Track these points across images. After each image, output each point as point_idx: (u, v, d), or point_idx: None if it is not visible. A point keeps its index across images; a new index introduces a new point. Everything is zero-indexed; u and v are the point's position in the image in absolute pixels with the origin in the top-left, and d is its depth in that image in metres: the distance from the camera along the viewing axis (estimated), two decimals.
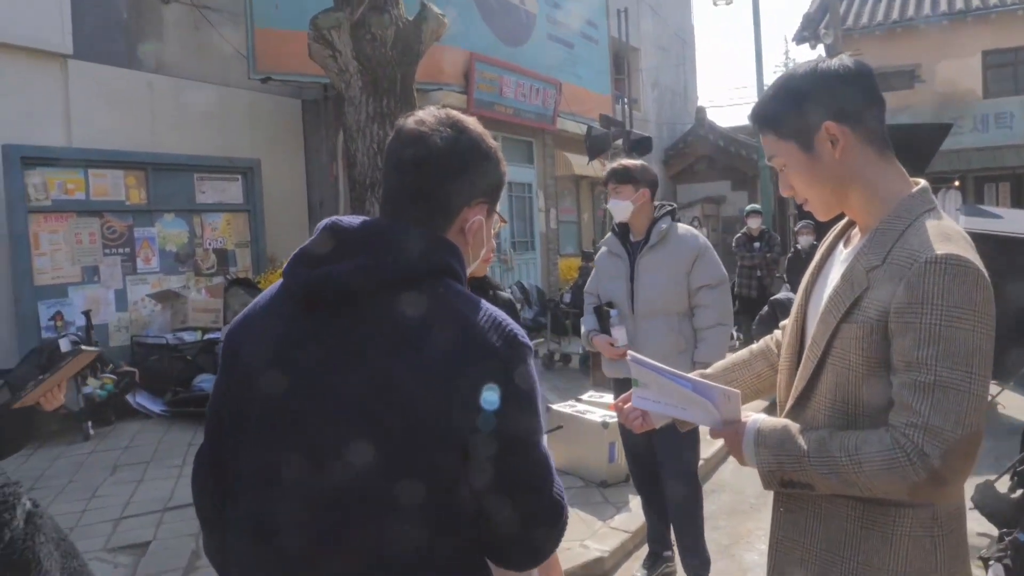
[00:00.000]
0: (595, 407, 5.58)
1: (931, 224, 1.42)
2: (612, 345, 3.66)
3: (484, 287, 2.37)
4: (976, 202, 16.90)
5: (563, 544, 4.09)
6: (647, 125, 18.37)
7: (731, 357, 1.88)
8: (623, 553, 4.32)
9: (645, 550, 4.03)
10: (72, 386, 6.71)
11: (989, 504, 4.05)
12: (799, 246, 8.94)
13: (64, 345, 6.75)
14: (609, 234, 3.88)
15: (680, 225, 3.73)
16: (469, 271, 1.37)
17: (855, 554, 1.46)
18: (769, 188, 15.12)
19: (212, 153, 9.13)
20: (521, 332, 1.22)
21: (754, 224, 10.28)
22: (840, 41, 15.01)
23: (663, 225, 3.65)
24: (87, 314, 7.17)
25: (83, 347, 2.22)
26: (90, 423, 6.66)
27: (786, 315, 1.68)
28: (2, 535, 1.07)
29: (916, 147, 8.87)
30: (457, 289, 1.24)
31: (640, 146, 10.09)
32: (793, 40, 19.82)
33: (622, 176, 3.53)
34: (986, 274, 1.35)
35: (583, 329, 3.88)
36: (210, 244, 9.19)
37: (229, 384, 1.28)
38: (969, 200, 17.13)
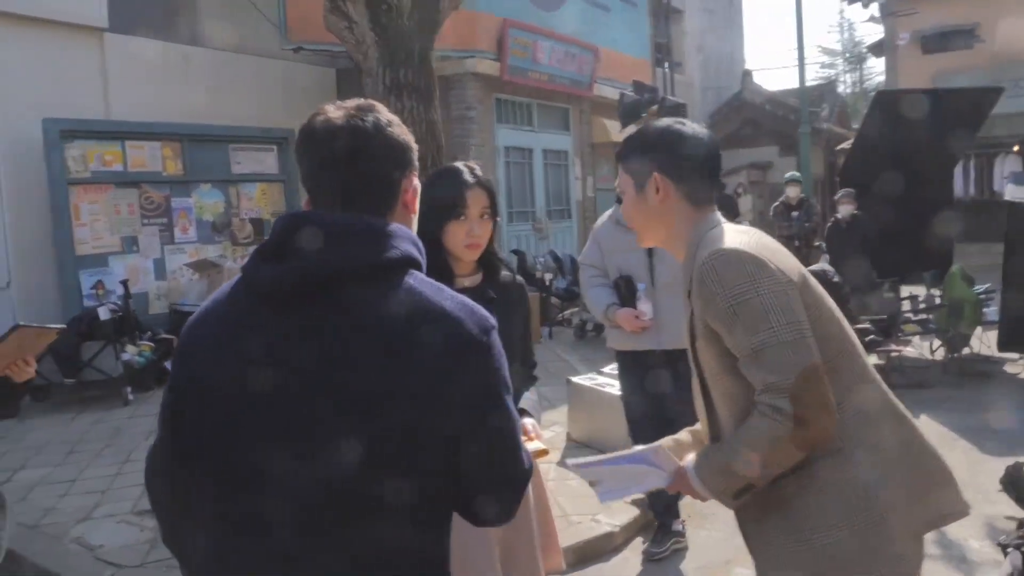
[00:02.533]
0: (616, 380, 5.54)
1: (708, 239, 1.66)
2: (638, 318, 3.63)
3: (492, 265, 2.32)
4: None
5: (573, 518, 4.19)
6: (691, 90, 18.00)
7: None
8: (635, 528, 4.33)
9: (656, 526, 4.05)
10: (110, 352, 6.92)
11: (1017, 487, 3.94)
12: (839, 215, 8.74)
13: (103, 314, 6.96)
14: (617, 205, 3.83)
15: None
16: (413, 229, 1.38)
17: (794, 511, 1.61)
18: (808, 155, 14.74)
19: (247, 123, 9.21)
20: (489, 315, 1.26)
21: (792, 193, 10.09)
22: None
23: None
24: (125, 283, 7.35)
25: (23, 324, 2.17)
26: (129, 388, 6.88)
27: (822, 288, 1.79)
28: None
29: (965, 112, 8.55)
30: (423, 280, 1.25)
31: (674, 113, 9.88)
32: (846, 0, 19.13)
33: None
34: (746, 249, 1.57)
35: (596, 304, 3.81)
36: (246, 214, 9.30)
37: (191, 380, 1.27)
38: None
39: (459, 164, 2.28)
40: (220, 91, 9.33)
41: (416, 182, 1.37)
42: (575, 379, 5.64)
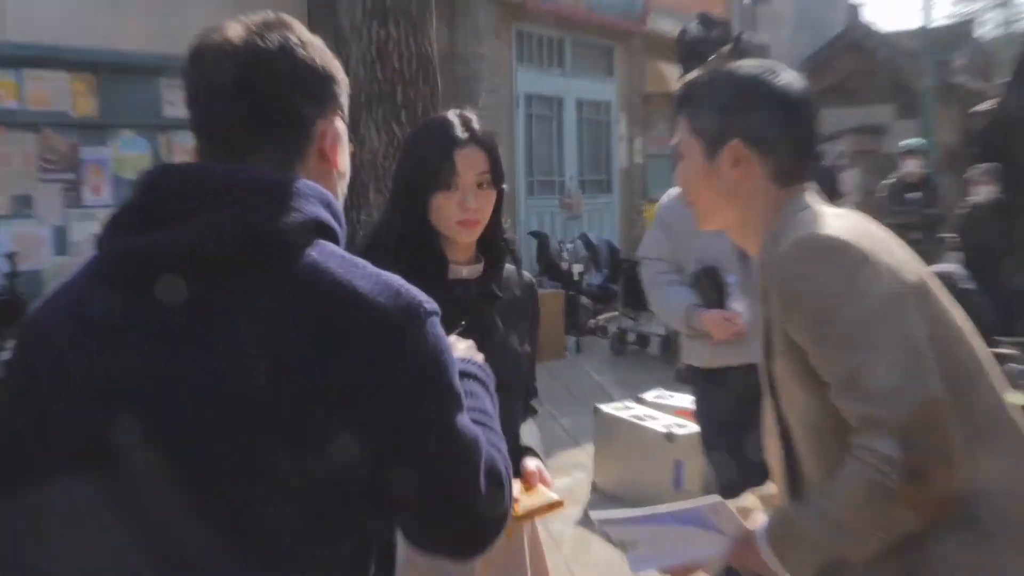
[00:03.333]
0: (660, 411, 5.50)
1: (794, 223, 1.66)
2: (730, 321, 3.58)
3: (496, 251, 2.30)
4: None
5: None
6: (779, 27, 17.87)
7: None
8: None
9: None
10: None
11: None
12: (975, 199, 8.62)
13: None
14: None
15: None
16: (341, 203, 1.40)
17: None
18: (932, 115, 14.61)
19: (185, 53, 9.17)
20: (422, 296, 1.29)
21: (911, 167, 9.99)
22: None
23: None
24: (11, 257, 7.35)
25: None
26: None
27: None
28: None
29: None
30: (333, 252, 1.27)
31: (754, 56, 9.79)
32: None
33: None
34: (845, 237, 1.56)
35: (670, 309, 3.81)
36: None
37: (29, 394, 1.30)
38: None
39: (449, 114, 2.26)
40: (154, 9, 9.31)
41: (340, 125, 1.39)
42: (606, 408, 5.60)
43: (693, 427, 5.17)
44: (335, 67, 1.38)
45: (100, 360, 1.24)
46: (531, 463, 2.22)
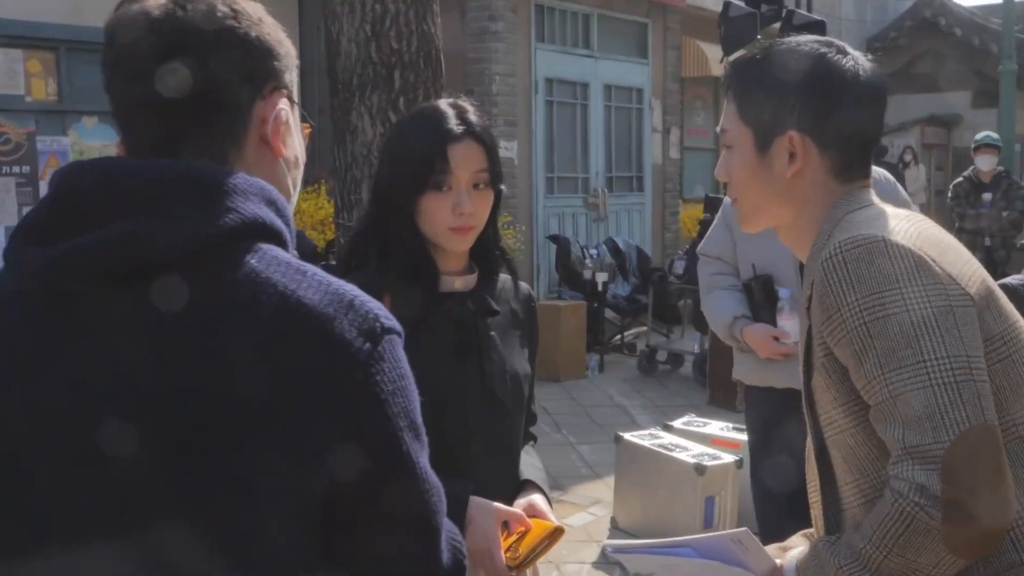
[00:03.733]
0: (690, 440, 5.52)
1: (845, 223, 1.66)
2: (777, 340, 3.65)
3: (492, 260, 2.31)
4: None
5: None
6: (839, 3, 17.84)
7: None
8: None
9: None
10: None
11: None
12: None
13: None
14: None
15: (875, 169, 3.81)
16: (294, 198, 1.38)
17: None
18: (1014, 105, 14.52)
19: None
20: (380, 310, 1.26)
21: (985, 165, 9.97)
22: None
23: None
24: None
25: None
26: None
27: (1022, 312, 1.81)
28: None
29: None
30: (277, 257, 1.24)
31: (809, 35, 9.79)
32: None
33: None
34: (900, 240, 1.56)
35: (716, 315, 3.88)
36: None
37: None
38: None
39: (441, 104, 2.25)
40: None
41: (283, 106, 1.35)
42: (628, 436, 5.62)
43: (727, 458, 5.22)
44: (277, 39, 1.34)
45: (16, 388, 1.22)
46: (535, 499, 2.22)
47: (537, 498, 2.22)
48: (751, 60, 1.81)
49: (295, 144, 1.39)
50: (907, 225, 1.63)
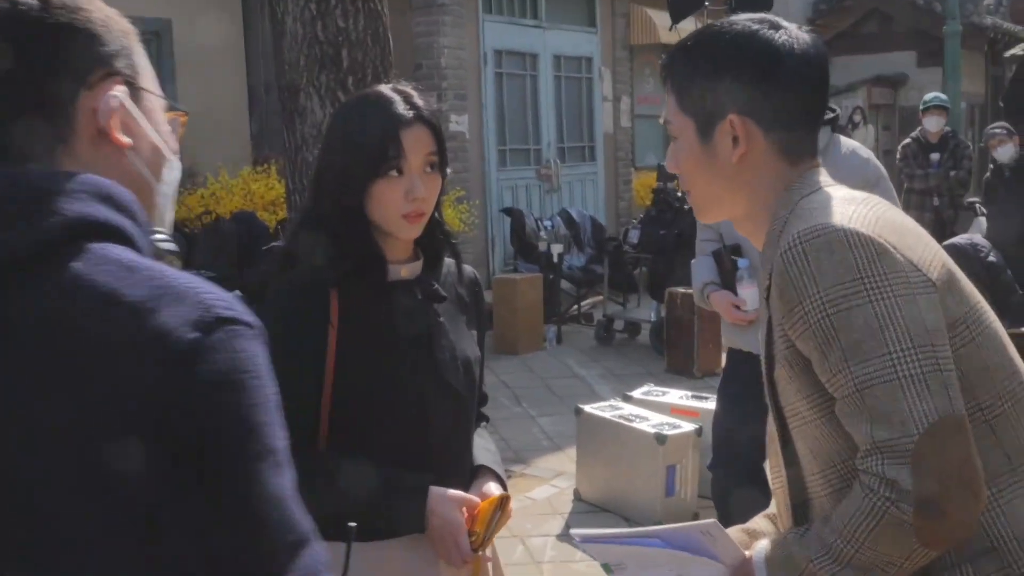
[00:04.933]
0: (649, 410, 5.56)
1: (800, 209, 1.62)
2: (738, 308, 3.90)
3: (437, 245, 2.30)
4: None
5: None
6: None
7: None
8: None
9: None
10: None
11: None
12: (996, 160, 8.74)
13: None
14: None
15: (844, 141, 3.91)
16: (171, 191, 1.31)
17: None
18: (959, 64, 14.65)
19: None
20: (224, 302, 1.14)
21: (933, 126, 10.06)
22: None
23: (822, 140, 3.66)
24: None
25: None
26: None
27: (969, 272, 1.79)
28: None
29: None
30: (107, 256, 1.14)
31: (755, 1, 9.81)
32: None
33: None
34: (859, 228, 1.52)
35: (694, 280, 4.15)
36: None
37: None
38: None
39: (383, 89, 2.23)
40: None
41: (118, 93, 1.24)
42: (589, 408, 5.65)
43: (687, 426, 5.28)
44: (103, 23, 1.23)
45: None
46: (490, 488, 2.20)
47: (491, 484, 2.22)
48: (683, 48, 1.77)
49: (147, 132, 1.28)
50: (865, 210, 1.59)
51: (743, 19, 1.73)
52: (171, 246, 1.47)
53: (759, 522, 1.92)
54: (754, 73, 1.67)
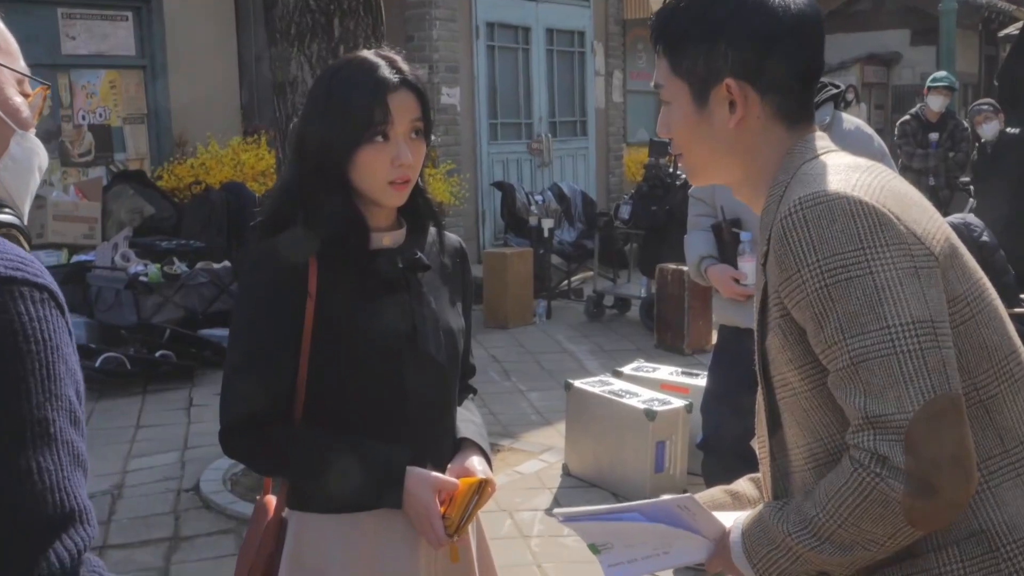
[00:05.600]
0: (639, 386, 5.55)
1: (801, 175, 1.59)
2: (737, 282, 3.80)
3: (420, 213, 2.27)
4: None
5: None
6: None
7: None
8: None
9: None
10: None
11: None
12: (981, 137, 8.76)
13: None
14: None
15: (846, 118, 3.87)
16: (25, 163, 1.31)
17: None
18: (954, 43, 14.63)
19: None
20: (15, 263, 1.14)
21: (937, 106, 10.01)
22: None
23: (825, 116, 3.73)
24: None
25: None
26: None
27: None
28: None
29: None
30: None
31: None
32: None
33: None
34: (861, 196, 1.50)
35: (689, 254, 4.05)
36: (84, 118, 9.23)
37: None
38: None
39: (367, 54, 2.19)
40: None
41: None
42: (579, 383, 5.64)
43: (677, 402, 5.26)
44: None
45: None
46: (472, 461, 2.19)
47: (474, 459, 2.21)
48: (675, 9, 1.71)
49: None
50: (869, 178, 1.56)
51: None
52: (8, 218, 1.43)
53: (743, 484, 1.91)
54: (751, 36, 1.63)
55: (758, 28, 1.63)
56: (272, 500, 2.21)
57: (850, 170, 1.57)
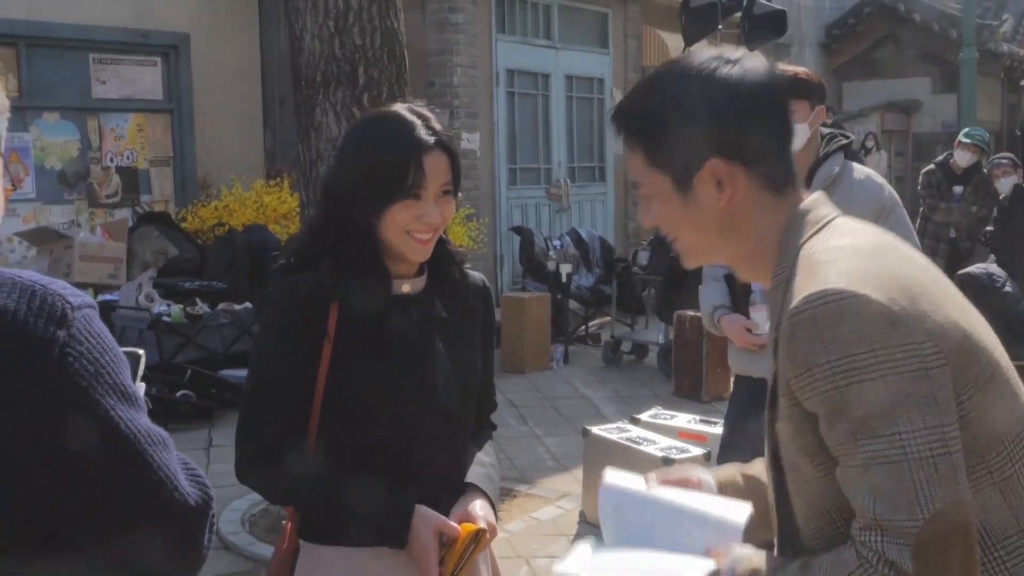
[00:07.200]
0: (657, 433, 5.55)
1: (805, 256, 1.58)
2: (750, 331, 3.84)
3: (442, 262, 2.30)
4: None
5: None
6: None
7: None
8: None
9: None
10: None
11: None
12: (998, 192, 8.75)
13: None
14: None
15: (857, 167, 3.85)
16: None
17: None
18: (974, 92, 14.59)
19: (117, 24, 9.21)
20: (68, 291, 1.27)
21: (963, 160, 9.86)
22: None
23: (834, 167, 3.71)
24: None
25: None
26: None
27: (985, 302, 1.69)
28: None
29: None
30: None
31: (768, 26, 9.85)
32: None
33: (797, 89, 3.48)
34: (874, 295, 1.46)
35: (703, 304, 4.10)
36: (112, 159, 9.30)
37: None
38: None
39: (402, 111, 2.21)
40: None
41: None
42: (596, 430, 5.64)
43: (695, 450, 5.26)
44: None
45: None
46: (475, 506, 2.19)
47: (476, 504, 2.19)
48: (644, 99, 1.71)
49: None
50: (876, 267, 1.53)
51: (696, 62, 1.68)
52: None
53: (759, 468, 1.90)
54: (725, 113, 1.62)
55: (732, 104, 1.62)
56: (289, 527, 2.25)
57: (856, 256, 1.55)
